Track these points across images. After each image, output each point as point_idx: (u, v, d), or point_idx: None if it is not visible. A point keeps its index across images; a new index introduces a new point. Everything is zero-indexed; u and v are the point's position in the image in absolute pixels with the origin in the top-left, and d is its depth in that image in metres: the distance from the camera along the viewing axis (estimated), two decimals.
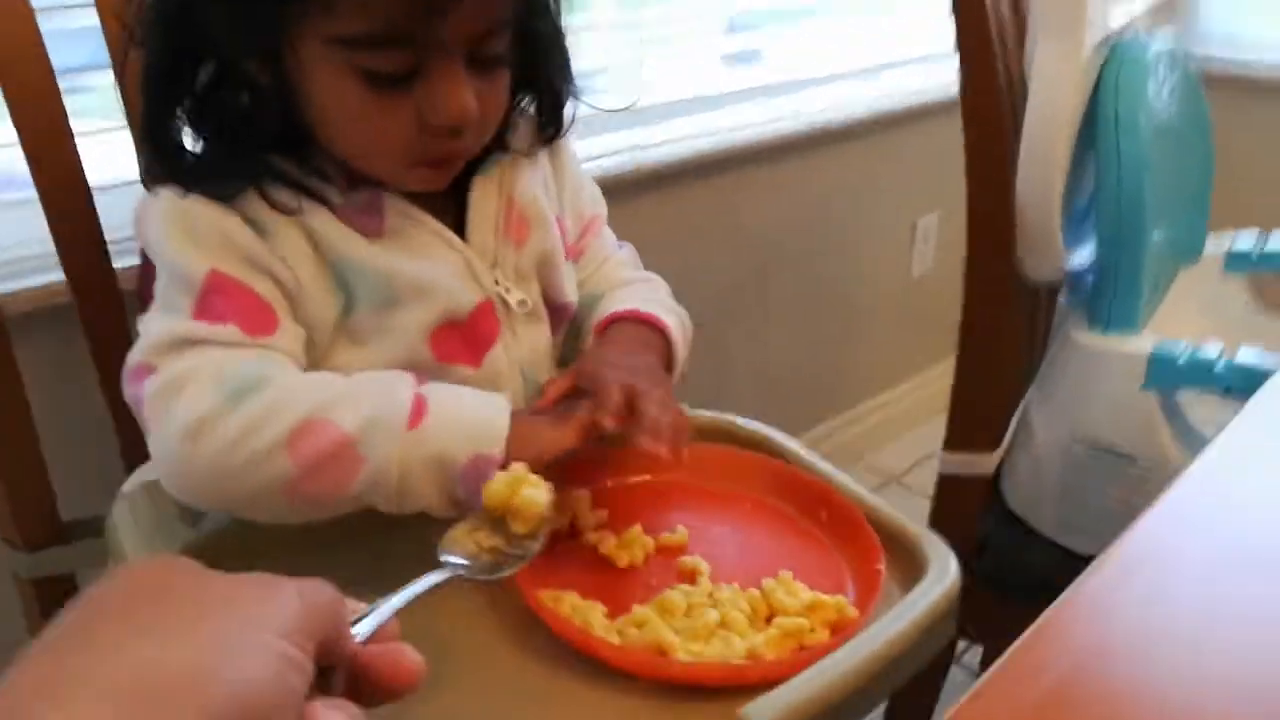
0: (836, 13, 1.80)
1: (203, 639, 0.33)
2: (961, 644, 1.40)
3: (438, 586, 0.50)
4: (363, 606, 0.42)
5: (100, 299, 0.85)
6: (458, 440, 0.61)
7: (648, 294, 0.81)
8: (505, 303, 0.72)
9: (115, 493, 0.76)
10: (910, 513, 0.69)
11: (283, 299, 0.65)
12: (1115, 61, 0.98)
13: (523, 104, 0.76)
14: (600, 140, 1.40)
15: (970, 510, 1.18)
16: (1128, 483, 1.04)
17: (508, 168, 0.74)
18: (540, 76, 0.75)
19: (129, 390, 0.64)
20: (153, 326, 0.64)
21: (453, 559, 0.55)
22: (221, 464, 0.59)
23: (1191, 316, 1.23)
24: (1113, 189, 0.96)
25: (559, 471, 0.63)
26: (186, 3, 0.64)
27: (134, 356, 0.64)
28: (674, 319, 0.78)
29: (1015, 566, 1.13)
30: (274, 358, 0.63)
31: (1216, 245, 1.27)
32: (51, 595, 0.87)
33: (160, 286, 0.66)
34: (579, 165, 0.84)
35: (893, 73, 1.85)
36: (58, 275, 0.84)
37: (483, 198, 0.72)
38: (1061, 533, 1.09)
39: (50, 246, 0.83)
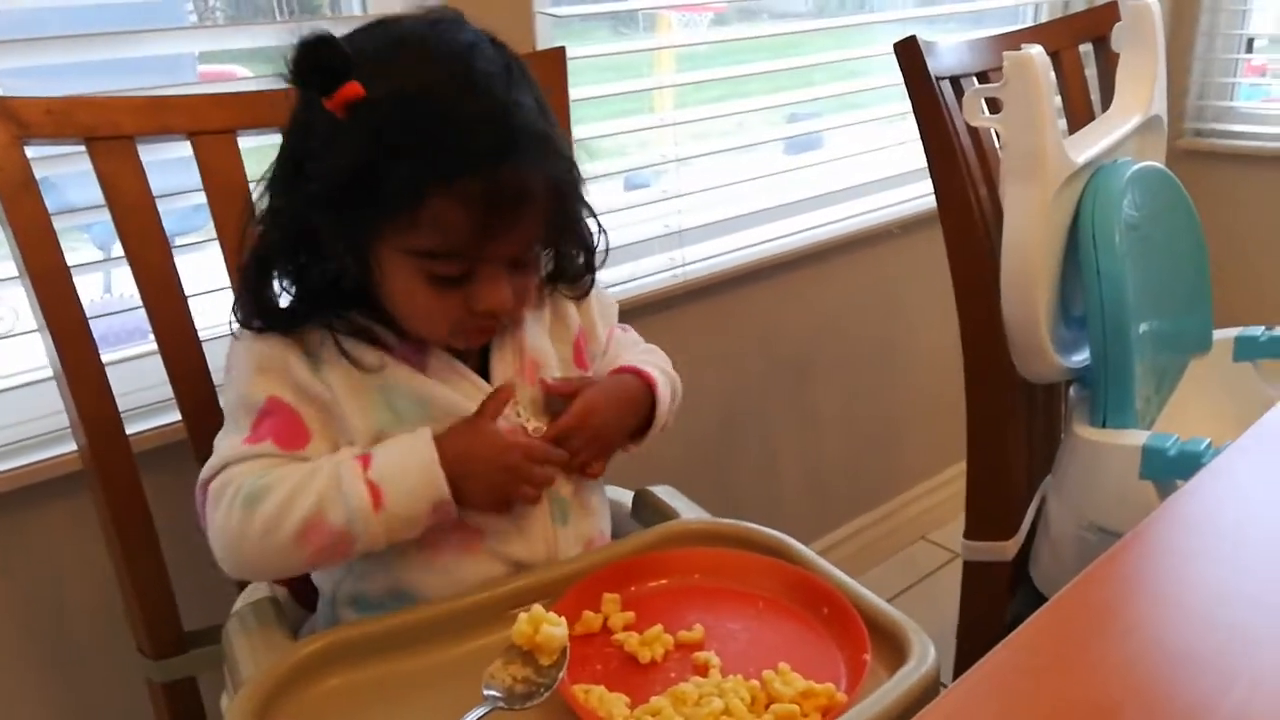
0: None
1: None
2: None
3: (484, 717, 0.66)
4: None
5: (209, 433, 0.94)
6: (414, 503, 0.79)
7: (651, 358, 0.99)
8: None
9: (226, 603, 0.90)
10: None
11: (320, 419, 0.82)
12: (1093, 186, 1.08)
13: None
14: (644, 262, 1.53)
15: (998, 592, 1.27)
16: None
17: (518, 327, 0.89)
18: (560, 254, 0.91)
19: (197, 497, 0.82)
20: (222, 445, 0.81)
21: (492, 692, 0.68)
22: (253, 555, 0.78)
23: (1206, 405, 1.30)
24: (1095, 300, 1.06)
25: (594, 580, 0.77)
26: (303, 214, 0.80)
27: (203, 473, 0.81)
28: (664, 379, 0.95)
29: None
30: (285, 466, 0.79)
31: (1227, 335, 1.35)
32: (177, 695, 0.99)
33: (229, 409, 0.84)
34: (598, 290, 0.99)
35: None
36: (175, 415, 0.98)
37: (500, 354, 0.88)
38: None
39: (168, 390, 0.97)
